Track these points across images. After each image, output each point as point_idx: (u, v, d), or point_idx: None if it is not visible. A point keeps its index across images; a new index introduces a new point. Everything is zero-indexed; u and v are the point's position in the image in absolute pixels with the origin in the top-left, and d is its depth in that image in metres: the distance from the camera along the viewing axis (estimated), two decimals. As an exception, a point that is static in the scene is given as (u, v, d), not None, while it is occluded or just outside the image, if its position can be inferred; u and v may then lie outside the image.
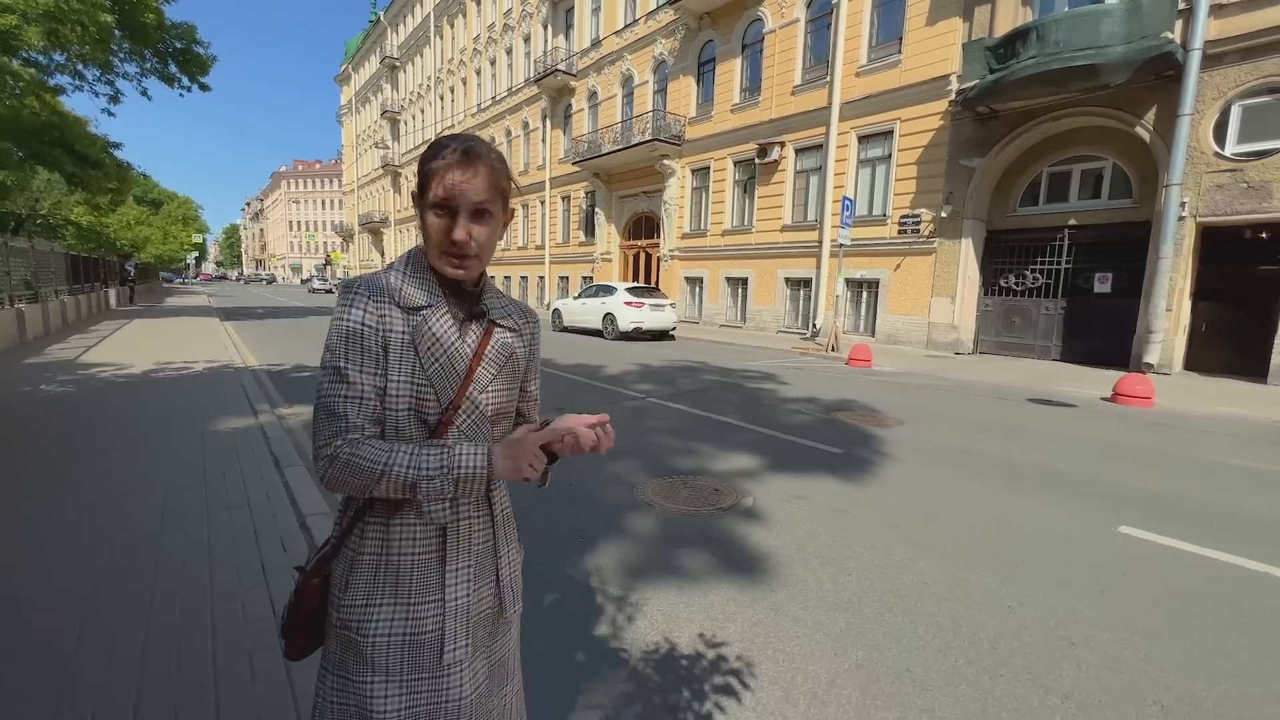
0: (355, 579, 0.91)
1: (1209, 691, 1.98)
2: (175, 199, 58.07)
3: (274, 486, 3.41)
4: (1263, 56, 8.60)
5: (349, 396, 0.86)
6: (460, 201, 0.87)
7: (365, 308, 0.88)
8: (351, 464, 0.83)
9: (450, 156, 0.87)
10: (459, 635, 0.92)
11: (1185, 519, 3.54)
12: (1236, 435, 5.87)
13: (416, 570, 0.91)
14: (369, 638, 0.89)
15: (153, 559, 2.54)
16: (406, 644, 0.90)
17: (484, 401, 0.95)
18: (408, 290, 0.91)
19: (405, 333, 0.89)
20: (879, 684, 1.97)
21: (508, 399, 1.01)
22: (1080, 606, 2.50)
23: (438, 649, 0.91)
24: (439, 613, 0.91)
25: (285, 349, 10.57)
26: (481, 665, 0.98)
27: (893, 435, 5.40)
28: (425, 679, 0.90)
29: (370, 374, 0.87)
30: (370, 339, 0.87)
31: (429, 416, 0.91)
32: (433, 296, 0.93)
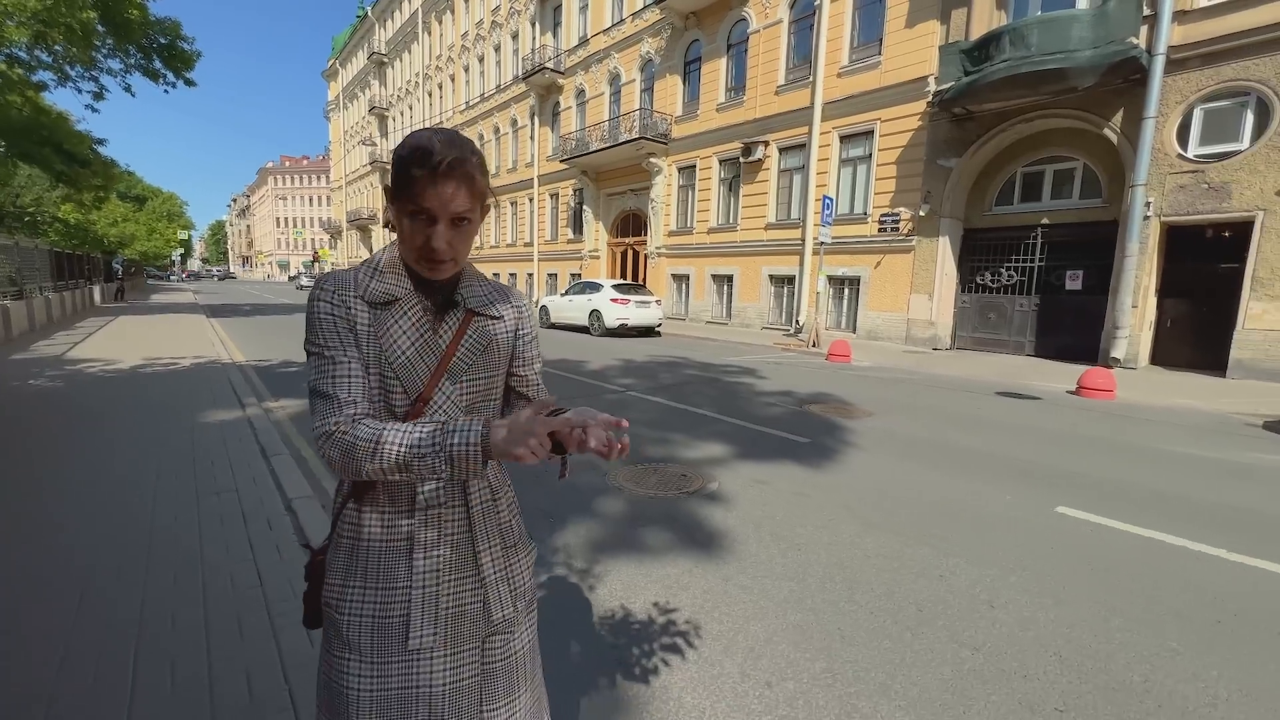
0: (335, 560, 0.96)
1: (1104, 644, 2.21)
2: (159, 195, 57.46)
3: (260, 473, 3.58)
4: (1223, 62, 8.92)
5: (336, 376, 0.88)
6: (441, 213, 0.87)
7: (331, 299, 0.90)
8: (345, 442, 0.84)
9: (433, 166, 0.85)
10: (424, 624, 0.93)
11: (1119, 500, 3.79)
12: (1185, 425, 6.16)
13: (385, 556, 0.93)
14: (344, 616, 0.93)
15: (146, 536, 2.71)
16: (375, 626, 0.92)
17: (456, 392, 0.96)
18: (375, 286, 0.92)
19: (369, 325, 0.90)
20: (811, 640, 2.18)
21: (485, 388, 1.01)
22: (1006, 576, 2.73)
23: (404, 634, 0.92)
24: (405, 599, 0.93)
25: (272, 345, 10.65)
26: (468, 663, 0.97)
27: (860, 426, 5.64)
28: (394, 663, 0.92)
29: (353, 355, 0.89)
30: (341, 326, 0.90)
31: (396, 408, 0.92)
32: (402, 290, 0.93)
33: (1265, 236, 8.67)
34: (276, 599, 2.22)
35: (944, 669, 2.04)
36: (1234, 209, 8.91)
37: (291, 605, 2.18)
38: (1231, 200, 8.92)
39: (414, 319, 0.93)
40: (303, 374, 7.71)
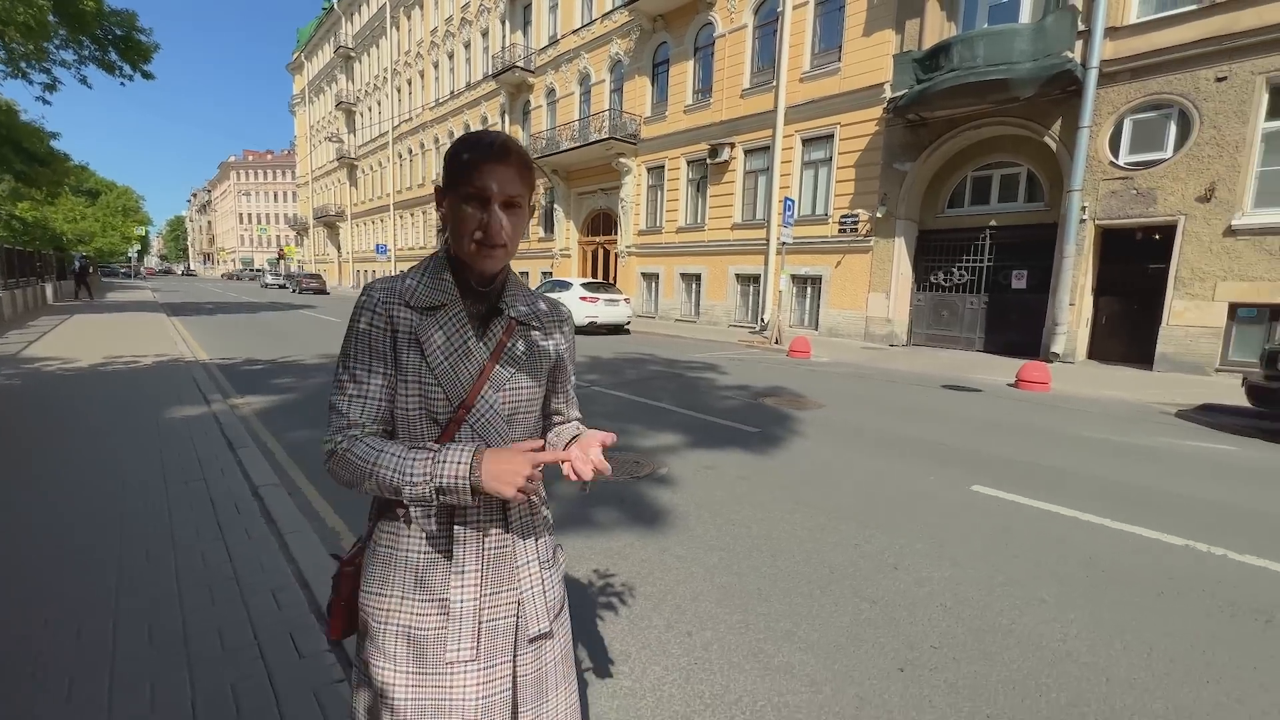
0: (372, 569, 0.97)
1: (985, 596, 2.55)
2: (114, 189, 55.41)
3: (228, 464, 3.72)
4: (1149, 76, 9.57)
5: (353, 395, 0.90)
6: (494, 192, 0.90)
7: (375, 309, 0.91)
8: (345, 460, 0.87)
9: (485, 150, 0.90)
10: (463, 638, 0.93)
11: (1030, 479, 4.19)
12: (1107, 414, 6.68)
13: (422, 568, 0.94)
14: (381, 625, 0.94)
15: (117, 521, 2.86)
16: (410, 637, 0.93)
17: (499, 400, 0.96)
18: (422, 291, 0.94)
19: (413, 333, 0.92)
20: (732, 598, 2.47)
21: (528, 398, 1.01)
22: (913, 544, 3.06)
23: (441, 647, 0.93)
24: (442, 612, 0.93)
25: (236, 344, 10.59)
26: (500, 677, 0.97)
27: (809, 417, 5.99)
28: (429, 674, 0.93)
29: (379, 374, 0.91)
30: (379, 339, 0.91)
31: (439, 415, 0.93)
32: (448, 296, 0.94)
33: (1186, 240, 9.34)
34: (245, 572, 2.41)
35: (844, 618, 2.35)
36: (1159, 213, 9.57)
37: (259, 579, 2.38)
38: (1157, 205, 9.57)
39: (458, 325, 0.94)
40: (267, 371, 7.78)
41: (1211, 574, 2.83)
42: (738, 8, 15.69)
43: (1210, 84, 9.01)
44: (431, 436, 0.93)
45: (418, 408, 0.92)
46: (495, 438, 0.95)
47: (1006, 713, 1.84)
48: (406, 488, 0.84)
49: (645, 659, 2.05)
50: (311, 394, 6.34)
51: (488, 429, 0.95)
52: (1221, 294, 9.09)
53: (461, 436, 0.93)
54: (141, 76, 16.42)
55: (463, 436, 0.93)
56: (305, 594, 2.26)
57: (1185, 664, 2.12)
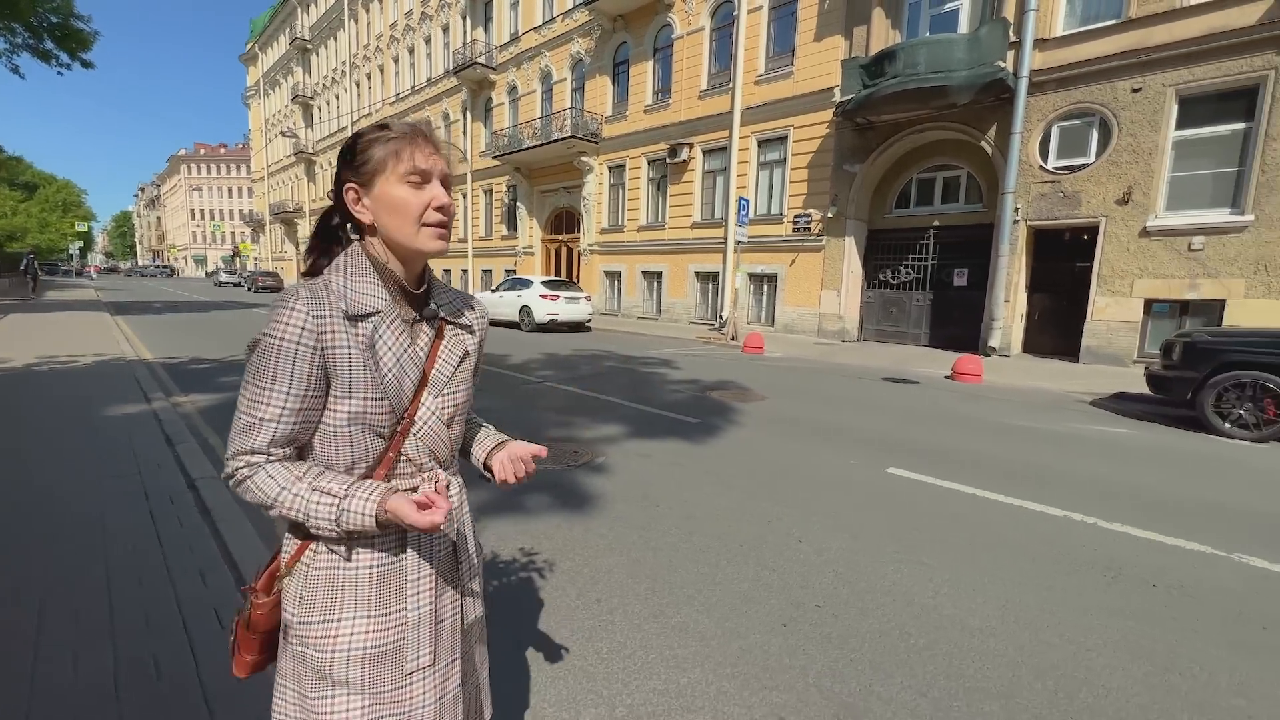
0: (311, 595, 0.89)
1: (873, 563, 2.82)
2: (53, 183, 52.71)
3: (165, 459, 3.76)
4: (1073, 86, 10.18)
5: (262, 419, 0.84)
6: (436, 170, 0.87)
7: (304, 324, 0.82)
8: (247, 488, 0.84)
9: (412, 129, 0.87)
10: (421, 644, 0.91)
11: (943, 462, 4.52)
12: (1028, 403, 7.15)
13: (376, 583, 0.90)
14: (328, 654, 0.87)
15: (47, 516, 2.90)
16: (367, 657, 0.88)
17: (439, 406, 0.93)
18: (354, 296, 0.87)
19: (351, 347, 0.85)
20: (643, 570, 2.68)
21: (464, 399, 0.99)
22: (821, 520, 3.33)
23: (400, 659, 0.90)
24: (401, 623, 0.90)
25: (184, 343, 10.35)
26: (452, 675, 0.97)
27: (750, 408, 6.26)
28: (388, 690, 0.89)
29: (295, 396, 0.84)
30: (303, 358, 0.83)
31: (381, 429, 0.89)
32: (381, 300, 0.88)
33: (1107, 240, 9.98)
34: (175, 557, 2.51)
35: (743, 584, 2.58)
36: (1083, 215, 10.20)
37: (188, 561, 2.48)
38: (1081, 207, 10.20)
39: (396, 332, 0.89)
40: (215, 369, 7.68)
41: (1078, 539, 3.16)
42: (695, 10, 15.97)
43: (1127, 94, 9.65)
44: (375, 450, 0.89)
45: (359, 424, 0.87)
46: (438, 444, 0.94)
47: (867, 656, 2.09)
48: (313, 528, 0.84)
49: (554, 624, 2.24)
50: (259, 392, 6.31)
51: (431, 436, 0.93)
52: (1138, 291, 9.76)
53: (406, 449, 0.91)
54: (81, 65, 15.82)
55: (407, 449, 0.91)
56: (233, 574, 2.37)
57: (1033, 613, 2.41)
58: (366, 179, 0.87)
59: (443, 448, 0.96)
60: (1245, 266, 8.77)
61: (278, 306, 0.83)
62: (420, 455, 0.93)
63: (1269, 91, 8.52)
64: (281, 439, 0.85)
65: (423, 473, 0.95)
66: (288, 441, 0.86)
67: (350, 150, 0.88)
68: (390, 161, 0.85)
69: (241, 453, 0.85)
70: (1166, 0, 9.24)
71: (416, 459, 0.93)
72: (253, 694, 1.74)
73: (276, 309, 0.83)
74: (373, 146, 0.86)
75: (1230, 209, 8.99)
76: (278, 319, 0.83)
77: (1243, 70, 8.70)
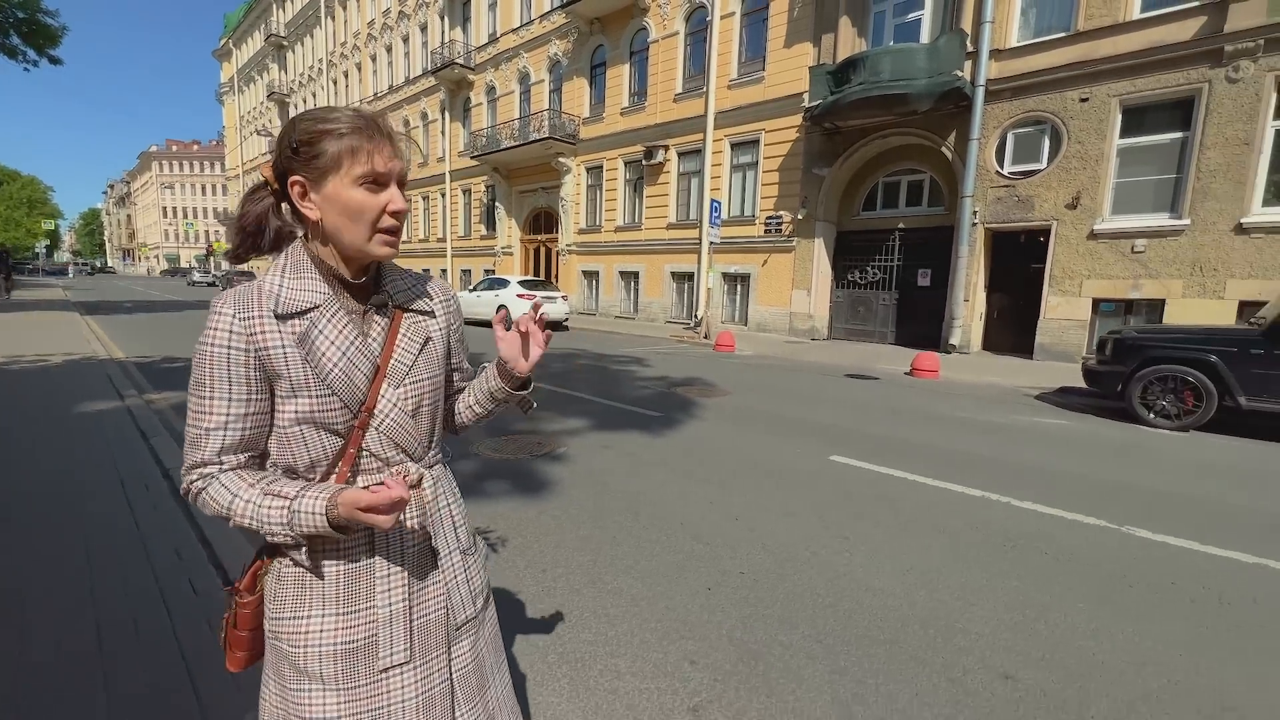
0: (283, 592, 0.91)
1: (800, 538, 3.10)
2: (17, 179, 51.35)
3: (140, 450, 3.92)
4: (1027, 95, 10.65)
5: (208, 429, 0.83)
6: (394, 171, 0.84)
7: (231, 327, 0.82)
8: (204, 502, 0.83)
9: (368, 124, 0.83)
10: (395, 641, 0.91)
11: (885, 450, 4.84)
12: (977, 397, 7.54)
13: (344, 580, 0.90)
14: (300, 648, 0.88)
15: (24, 501, 3.06)
16: (338, 653, 0.88)
17: (400, 396, 0.91)
18: (288, 294, 0.85)
19: (285, 346, 0.83)
20: (588, 545, 2.93)
21: (431, 388, 0.96)
22: (761, 502, 3.61)
23: (373, 655, 0.90)
24: (371, 619, 0.90)
25: (156, 342, 10.36)
26: (437, 671, 0.95)
27: (712, 403, 6.55)
28: (363, 685, 0.89)
29: (238, 400, 0.83)
30: (236, 362, 0.82)
31: (336, 425, 0.87)
32: (319, 295, 0.86)
33: (1058, 242, 10.47)
34: (151, 536, 2.70)
35: (677, 556, 2.85)
36: (1036, 218, 10.68)
37: (164, 540, 2.67)
38: (1034, 211, 10.68)
39: (339, 325, 0.86)
40: (186, 368, 7.74)
41: (989, 516, 3.49)
42: (670, 15, 16.25)
43: (1076, 104, 10.14)
44: (333, 447, 0.88)
45: (309, 423, 0.86)
46: (404, 436, 0.92)
47: (777, 613, 2.37)
48: (269, 536, 0.82)
49: (499, 589, 2.48)
50: (232, 389, 6.44)
51: (395, 429, 0.91)
52: (1087, 290, 10.26)
53: (368, 444, 0.89)
54: (48, 62, 15.60)
55: (369, 444, 0.90)
56: (206, 551, 2.57)
57: (931, 577, 2.71)
58: (316, 175, 0.82)
59: (410, 440, 0.93)
60: (1182, 268, 9.30)
61: (210, 312, 0.83)
62: (385, 449, 0.91)
63: (1203, 103, 9.04)
64: (231, 446, 0.84)
65: (390, 467, 0.92)
66: (239, 448, 0.85)
67: (296, 139, 0.82)
68: (345, 161, 0.81)
69: (194, 466, 0.84)
70: (1111, 15, 9.74)
71: (381, 453, 0.91)
72: (223, 647, 1.96)
73: (209, 315, 0.83)
74: (325, 140, 0.81)
75: (1169, 213, 9.52)
76: (208, 326, 0.82)
77: (1179, 83, 9.22)
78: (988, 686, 1.96)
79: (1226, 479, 4.36)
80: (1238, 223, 8.82)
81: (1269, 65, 8.52)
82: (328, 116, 0.82)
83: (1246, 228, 8.76)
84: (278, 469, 0.89)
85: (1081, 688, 1.97)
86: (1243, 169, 8.77)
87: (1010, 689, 1.95)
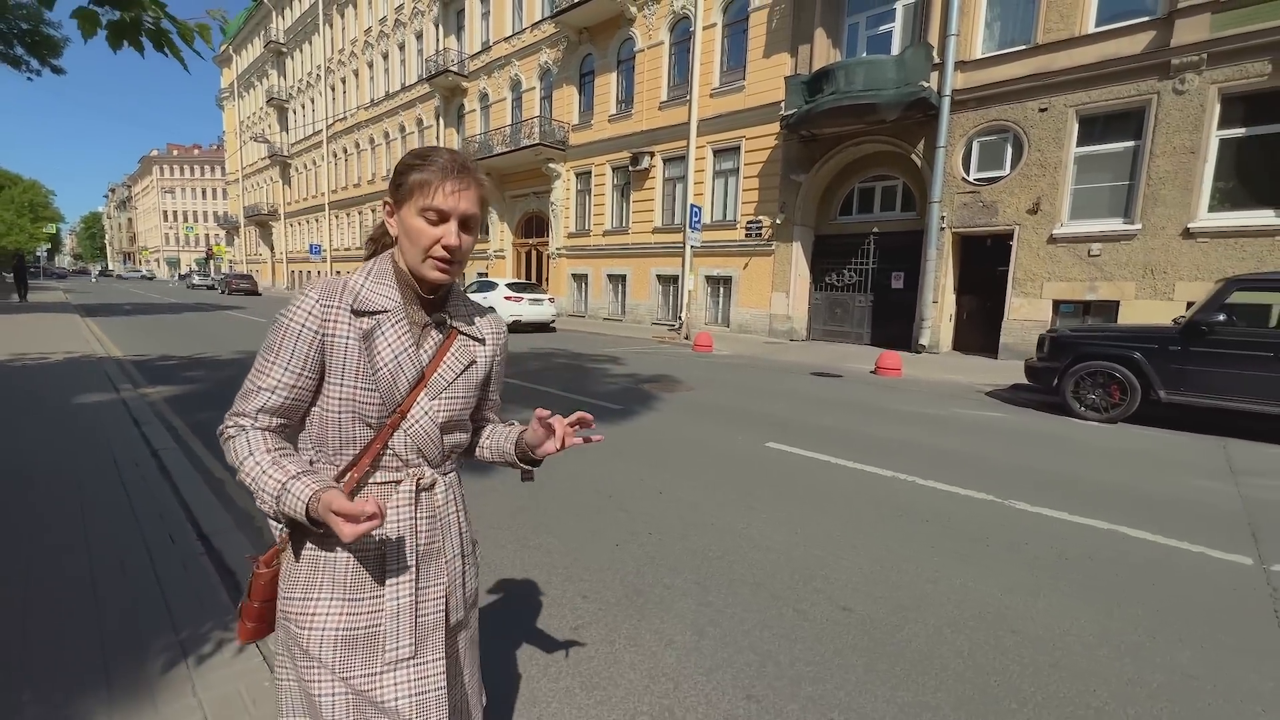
0: (295, 574, 0.96)
1: (717, 508, 3.51)
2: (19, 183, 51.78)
3: (133, 436, 4.32)
4: (991, 105, 11.09)
5: (260, 387, 0.92)
6: (454, 211, 0.93)
7: (311, 309, 0.92)
8: (228, 448, 0.92)
9: (447, 166, 0.92)
10: (400, 636, 0.94)
11: (819, 438, 5.25)
12: (930, 393, 7.95)
13: (353, 569, 0.94)
14: (306, 630, 0.93)
15: (24, 482, 3.47)
16: (341, 640, 0.93)
17: (434, 408, 0.98)
18: (367, 294, 0.95)
19: (350, 337, 0.92)
20: (523, 514, 3.34)
21: (463, 407, 1.03)
22: (687, 479, 4.02)
23: (375, 648, 0.94)
24: (377, 610, 0.94)
25: (153, 342, 10.78)
26: (435, 672, 0.99)
27: (674, 397, 6.96)
28: (358, 677, 0.93)
29: (293, 372, 0.92)
30: (304, 339, 0.91)
31: (370, 419, 0.95)
32: (392, 302, 0.96)
33: (1021, 246, 10.89)
34: (139, 504, 3.10)
35: (599, 521, 3.25)
36: (1000, 223, 11.11)
37: (150, 506, 3.08)
38: (998, 216, 11.11)
39: (399, 332, 0.95)
40: (181, 365, 8.19)
41: (892, 491, 3.90)
42: (655, 25, 16.73)
43: (1035, 113, 10.58)
44: (362, 439, 0.95)
45: (349, 410, 0.94)
46: (427, 444, 0.99)
47: (669, 562, 2.78)
48: (259, 502, 0.88)
49: (438, 546, 2.89)
50: (222, 384, 6.87)
51: (421, 435, 0.97)
52: (1048, 292, 10.68)
53: (393, 443, 0.96)
54: (51, 71, 16.08)
55: (394, 443, 0.96)
56: (186, 515, 2.98)
57: (817, 537, 3.12)
58: (399, 200, 0.95)
59: (432, 448, 1.00)
60: (1135, 270, 9.72)
61: (300, 292, 0.95)
62: (407, 451, 0.98)
63: (1153, 113, 9.48)
64: (270, 408, 0.92)
65: (409, 468, 0.99)
66: (276, 412, 0.93)
67: (397, 167, 0.97)
68: (416, 193, 0.92)
69: (235, 414, 0.93)
70: (1067, 29, 10.19)
71: (404, 454, 0.98)
72: (198, 578, 2.38)
73: (296, 294, 0.94)
74: (410, 172, 0.93)
75: (1123, 219, 9.94)
76: (293, 302, 0.93)
77: (1131, 94, 9.65)
78: (826, 615, 2.37)
79: (1125, 463, 4.77)
80: (1185, 228, 9.25)
81: (1212, 78, 8.96)
82: (424, 154, 0.96)
83: (1193, 232, 9.19)
84: (310, 444, 0.98)
85: (904, 617, 2.37)
86: (1189, 176, 9.20)
87: (844, 616, 2.36)
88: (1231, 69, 8.81)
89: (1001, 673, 2.05)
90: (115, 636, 1.97)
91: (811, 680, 1.97)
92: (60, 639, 1.95)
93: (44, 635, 1.97)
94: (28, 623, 2.04)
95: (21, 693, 1.71)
